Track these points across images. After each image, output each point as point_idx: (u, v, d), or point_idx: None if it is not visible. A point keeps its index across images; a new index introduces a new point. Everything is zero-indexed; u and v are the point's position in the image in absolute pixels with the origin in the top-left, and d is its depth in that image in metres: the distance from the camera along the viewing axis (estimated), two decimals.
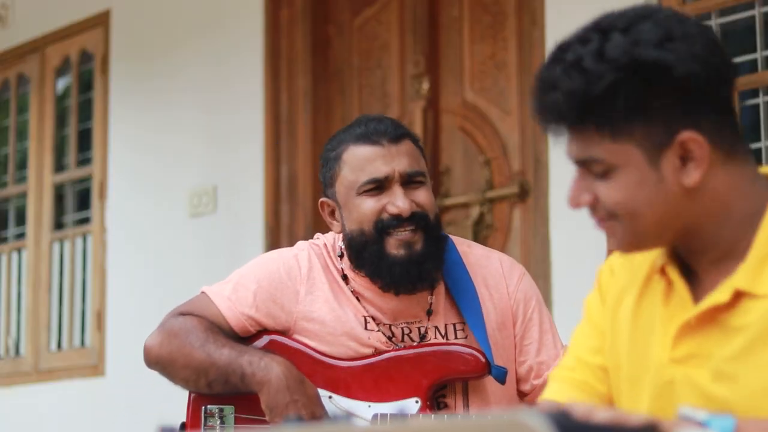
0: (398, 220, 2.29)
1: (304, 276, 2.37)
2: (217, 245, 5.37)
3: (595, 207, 1.59)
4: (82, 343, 5.98)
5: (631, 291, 1.65)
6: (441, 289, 2.39)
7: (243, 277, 2.40)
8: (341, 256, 2.40)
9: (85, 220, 6.12)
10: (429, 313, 2.37)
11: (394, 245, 2.29)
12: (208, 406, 2.33)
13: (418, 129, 4.91)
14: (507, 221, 4.68)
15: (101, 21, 5.97)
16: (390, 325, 2.35)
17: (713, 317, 1.52)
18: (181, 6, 5.69)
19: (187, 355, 2.30)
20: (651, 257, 1.64)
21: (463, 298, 2.37)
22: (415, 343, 2.35)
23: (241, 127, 5.37)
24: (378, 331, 2.34)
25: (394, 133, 2.33)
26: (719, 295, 1.51)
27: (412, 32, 5.06)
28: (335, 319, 2.35)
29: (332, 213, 2.39)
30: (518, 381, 2.41)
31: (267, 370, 2.24)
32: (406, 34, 5.08)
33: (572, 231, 4.30)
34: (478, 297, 2.37)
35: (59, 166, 6.25)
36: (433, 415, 2.25)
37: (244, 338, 2.39)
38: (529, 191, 4.58)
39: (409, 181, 2.32)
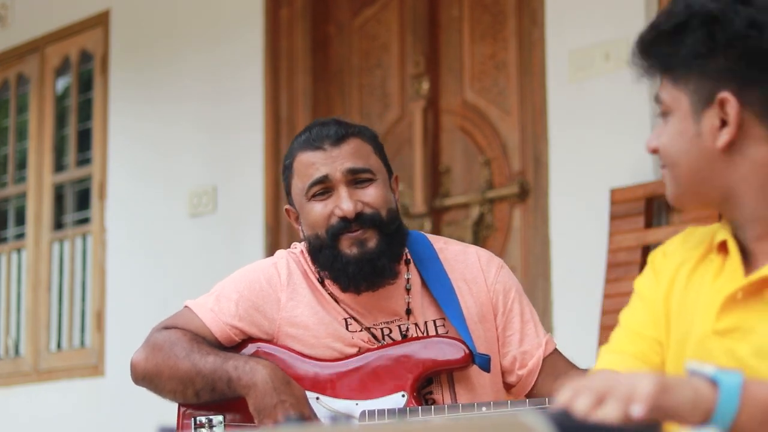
0: (346, 222, 2.30)
1: (284, 283, 2.39)
2: (217, 245, 5.37)
3: (658, 153, 1.64)
4: (82, 343, 5.98)
5: (684, 268, 1.68)
6: (418, 286, 2.40)
7: (225, 288, 2.42)
8: None
9: (85, 220, 6.12)
10: (408, 312, 2.38)
11: (347, 245, 2.30)
12: (198, 417, 2.34)
13: (418, 129, 4.91)
14: (507, 221, 4.68)
15: (101, 21, 5.97)
16: (370, 327, 2.37)
17: (760, 292, 1.54)
18: (181, 7, 5.69)
19: (173, 367, 2.31)
20: (706, 242, 1.67)
21: (441, 293, 2.37)
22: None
23: (240, 127, 5.37)
24: (361, 331, 2.36)
25: (336, 135, 2.33)
26: (767, 269, 1.54)
27: (412, 32, 5.06)
28: (318, 322, 2.36)
29: (297, 219, 2.42)
30: (504, 373, 2.41)
31: (252, 373, 2.25)
32: (406, 34, 5.09)
33: (572, 231, 4.31)
34: (455, 291, 2.38)
35: (59, 166, 6.25)
36: (427, 411, 2.26)
37: (230, 348, 2.40)
38: (529, 191, 4.58)
39: (355, 181, 2.32)
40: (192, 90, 5.57)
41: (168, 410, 2.48)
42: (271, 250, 5.11)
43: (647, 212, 4.05)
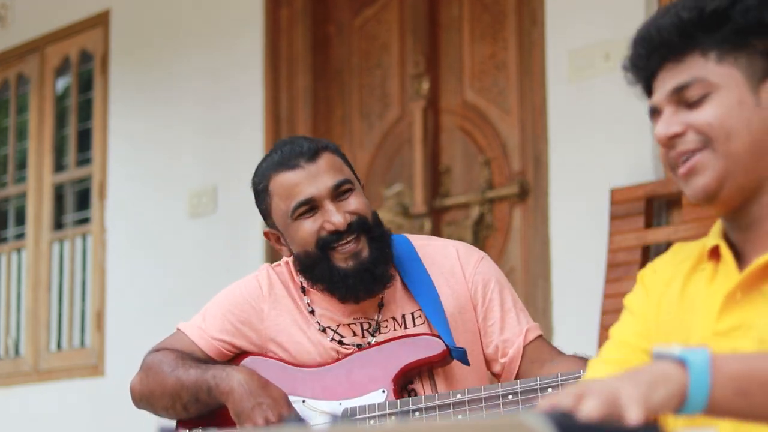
0: (337, 235, 2.35)
1: (266, 294, 2.46)
2: (217, 245, 5.37)
3: (685, 138, 1.58)
4: (82, 343, 5.99)
5: (676, 281, 1.67)
6: (396, 283, 2.45)
7: (210, 307, 2.51)
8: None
9: (85, 220, 6.12)
10: (381, 306, 2.43)
11: (341, 259, 2.36)
12: (194, 430, 2.44)
13: (418, 129, 4.91)
14: (507, 221, 4.68)
15: (101, 21, 5.97)
16: (348, 324, 2.43)
17: (758, 287, 1.54)
18: (181, 6, 5.69)
19: (161, 384, 2.41)
20: (695, 255, 1.66)
21: (418, 288, 2.43)
22: (372, 337, 2.43)
23: (241, 127, 5.37)
24: (335, 334, 2.42)
25: (310, 151, 2.39)
26: (765, 257, 1.53)
27: (412, 32, 5.06)
28: (299, 330, 2.44)
29: (278, 240, 2.47)
30: (489, 363, 2.46)
31: (229, 379, 2.33)
32: (406, 34, 5.09)
33: (572, 231, 4.31)
34: (433, 285, 2.43)
35: (59, 166, 6.25)
36: (405, 403, 2.32)
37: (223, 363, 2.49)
38: (529, 191, 4.58)
39: (338, 194, 2.37)
40: (192, 90, 5.57)
41: None
42: (271, 251, 5.11)
43: (647, 212, 4.05)
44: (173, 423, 2.50)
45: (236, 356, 2.47)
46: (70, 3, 6.14)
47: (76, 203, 6.27)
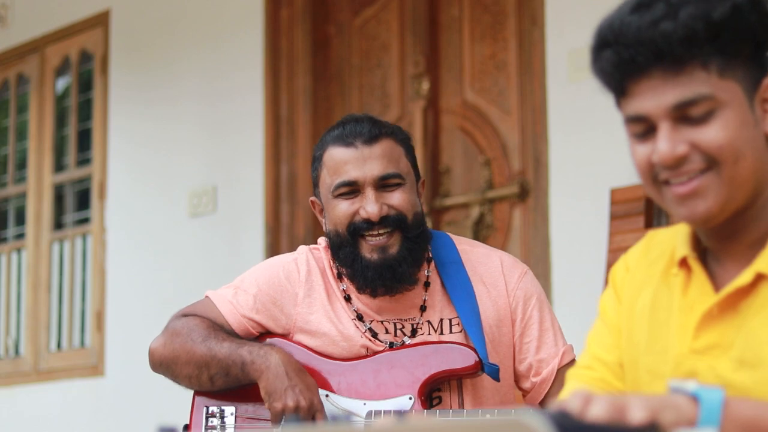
0: (369, 224, 2.32)
1: (302, 279, 2.42)
2: (217, 245, 5.37)
3: (690, 158, 1.48)
4: (82, 343, 5.98)
5: (648, 285, 1.64)
6: (437, 285, 2.41)
7: (244, 281, 2.45)
8: None
9: (85, 220, 6.12)
10: (423, 309, 2.40)
11: (367, 249, 2.33)
12: (210, 407, 2.38)
13: (418, 129, 4.91)
14: (507, 221, 4.68)
15: (101, 21, 5.97)
16: (382, 321, 2.39)
17: (734, 305, 1.51)
18: (181, 7, 5.69)
19: (189, 351, 2.35)
20: (668, 253, 1.63)
21: (458, 295, 2.39)
22: (407, 338, 2.39)
23: (241, 127, 5.37)
24: (368, 330, 2.38)
25: (370, 134, 2.35)
26: (742, 278, 1.50)
27: (412, 32, 5.06)
28: (329, 321, 2.39)
29: (321, 212, 2.44)
30: (519, 378, 2.43)
31: (266, 357, 2.30)
32: (406, 34, 5.09)
33: (572, 231, 4.31)
34: (474, 294, 2.39)
35: (59, 166, 6.25)
36: (432, 414, 2.27)
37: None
38: (529, 191, 4.58)
39: (384, 185, 2.35)
40: (192, 90, 5.57)
41: (166, 410, 2.49)
42: (271, 250, 5.11)
43: (647, 212, 4.05)
44: (175, 422, 2.48)
45: (260, 335, 2.43)
46: (70, 3, 6.14)
47: (76, 203, 6.27)
